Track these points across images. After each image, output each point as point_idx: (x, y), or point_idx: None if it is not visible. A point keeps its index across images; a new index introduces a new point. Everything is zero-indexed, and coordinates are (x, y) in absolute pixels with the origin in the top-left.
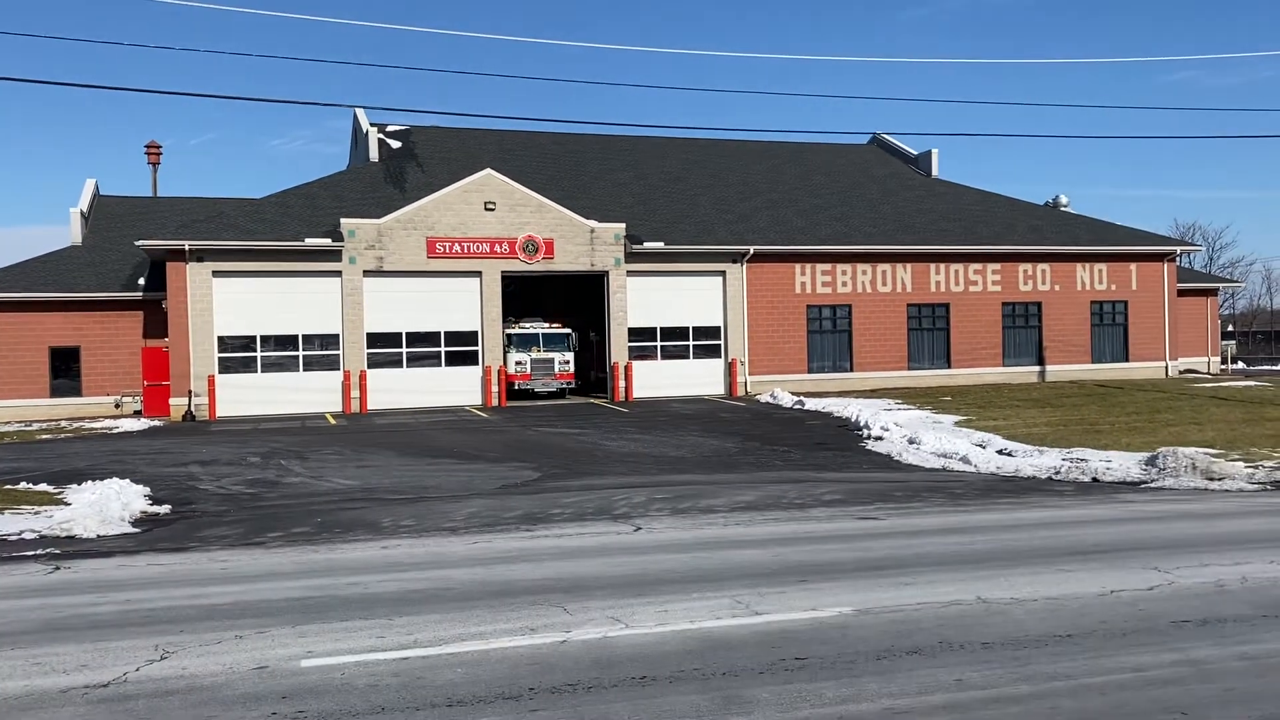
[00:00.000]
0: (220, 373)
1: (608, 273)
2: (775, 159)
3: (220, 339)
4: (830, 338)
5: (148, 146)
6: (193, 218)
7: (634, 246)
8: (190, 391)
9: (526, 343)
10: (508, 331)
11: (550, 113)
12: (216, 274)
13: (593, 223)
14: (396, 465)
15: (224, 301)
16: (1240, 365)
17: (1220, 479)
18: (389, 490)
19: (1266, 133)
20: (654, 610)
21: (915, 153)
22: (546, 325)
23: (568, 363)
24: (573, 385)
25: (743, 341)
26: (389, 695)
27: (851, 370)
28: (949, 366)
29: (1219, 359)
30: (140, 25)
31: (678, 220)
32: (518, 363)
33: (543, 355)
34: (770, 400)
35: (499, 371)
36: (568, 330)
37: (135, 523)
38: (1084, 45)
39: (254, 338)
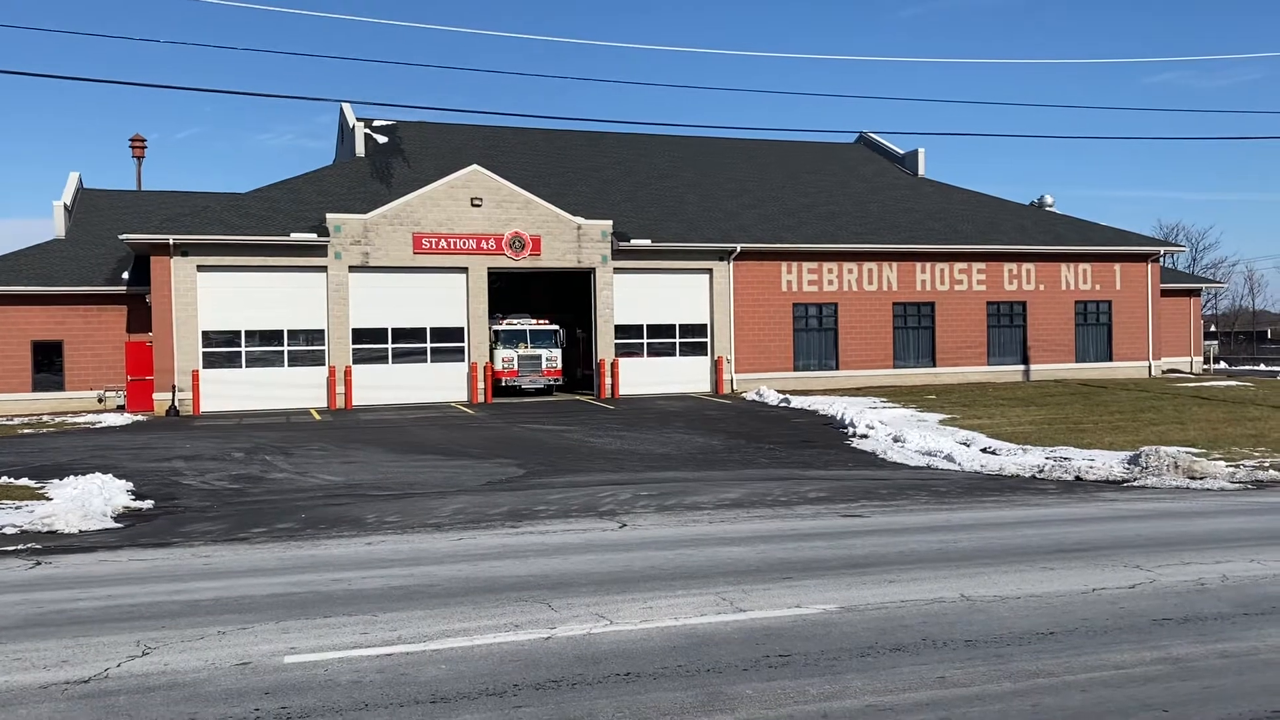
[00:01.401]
0: (204, 368)
1: (594, 270)
2: (763, 157)
3: (204, 334)
4: (816, 336)
5: (132, 140)
6: (177, 211)
7: (621, 244)
8: (174, 386)
9: (513, 339)
10: (494, 328)
11: (538, 109)
12: (201, 268)
13: (580, 219)
14: (381, 461)
15: (208, 296)
16: (1223, 365)
17: (1202, 478)
18: (374, 486)
19: (1251, 134)
20: (639, 607)
21: (902, 152)
22: (533, 322)
23: (554, 359)
24: (559, 382)
25: (729, 339)
26: (373, 692)
27: (837, 368)
28: (934, 365)
29: (1202, 359)
30: (126, 18)
31: (665, 218)
32: (504, 359)
33: (529, 352)
34: (756, 398)
35: (485, 368)
36: (555, 327)
37: (118, 518)
38: (1071, 46)
39: (239, 333)
